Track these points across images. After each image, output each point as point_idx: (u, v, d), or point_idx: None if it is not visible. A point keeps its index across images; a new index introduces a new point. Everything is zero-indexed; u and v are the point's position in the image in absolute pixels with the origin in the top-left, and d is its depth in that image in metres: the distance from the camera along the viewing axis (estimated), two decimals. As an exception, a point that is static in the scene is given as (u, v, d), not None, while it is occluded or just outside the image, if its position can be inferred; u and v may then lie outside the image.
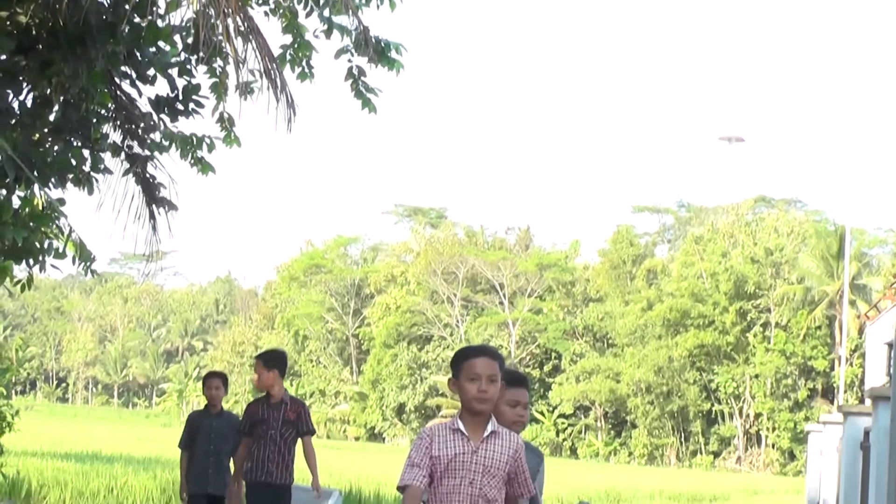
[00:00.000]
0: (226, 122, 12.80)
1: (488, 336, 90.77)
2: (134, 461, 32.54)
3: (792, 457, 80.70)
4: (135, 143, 12.23)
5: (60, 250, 12.01)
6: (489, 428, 6.34)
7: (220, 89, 12.36)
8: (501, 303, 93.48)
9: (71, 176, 11.69)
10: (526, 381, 7.40)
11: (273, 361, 11.92)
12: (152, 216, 12.39)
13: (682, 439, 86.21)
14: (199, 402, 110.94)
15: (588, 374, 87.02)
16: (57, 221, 12.07)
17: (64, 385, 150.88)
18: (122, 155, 12.25)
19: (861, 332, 65.55)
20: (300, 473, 12.07)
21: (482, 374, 6.41)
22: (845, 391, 62.34)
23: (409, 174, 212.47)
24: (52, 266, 12.15)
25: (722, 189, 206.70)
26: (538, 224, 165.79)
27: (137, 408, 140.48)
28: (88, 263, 12.38)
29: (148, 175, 12.42)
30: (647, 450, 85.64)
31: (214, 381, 13.77)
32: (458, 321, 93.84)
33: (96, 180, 11.91)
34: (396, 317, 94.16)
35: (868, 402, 11.82)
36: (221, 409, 13.74)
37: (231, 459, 12.69)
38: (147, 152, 12.39)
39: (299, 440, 11.68)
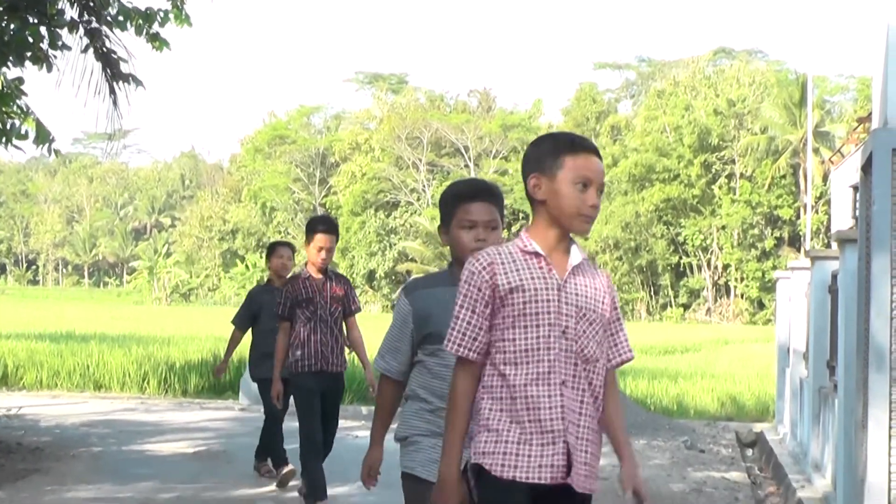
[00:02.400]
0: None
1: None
2: (108, 339, 32.64)
3: (761, 306, 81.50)
4: (92, 19, 12.10)
5: (22, 131, 11.94)
6: (576, 256, 4.59)
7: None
8: (467, 165, 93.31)
9: (29, 54, 11.58)
10: (492, 193, 5.46)
11: (336, 228, 10.41)
12: (113, 91, 12.30)
13: (652, 293, 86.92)
14: (169, 278, 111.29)
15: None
16: (18, 101, 11.98)
17: (34, 268, 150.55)
18: (80, 31, 12.13)
19: (825, 179, 65.91)
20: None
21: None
22: (812, 238, 62.86)
23: (368, 40, 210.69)
24: (15, 146, 12.09)
25: (682, 42, 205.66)
26: (499, 86, 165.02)
27: (108, 287, 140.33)
28: (49, 144, 12.30)
29: (107, 50, 12.30)
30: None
31: (284, 251, 12.22)
32: (424, 186, 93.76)
33: (55, 57, 11.81)
34: (363, 184, 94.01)
35: (835, 246, 11.92)
36: None
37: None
38: (104, 28, 12.26)
39: None
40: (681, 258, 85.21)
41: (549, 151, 4.54)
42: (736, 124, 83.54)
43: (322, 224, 10.21)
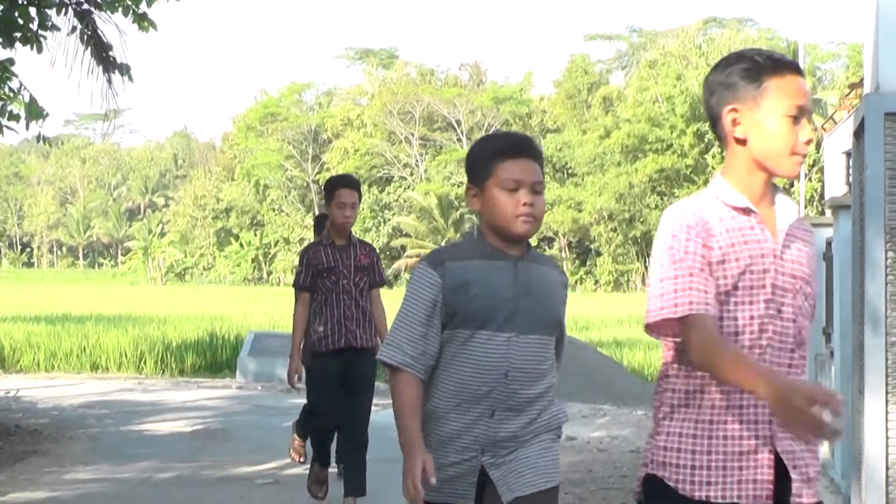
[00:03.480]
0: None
1: (448, 173, 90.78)
2: (104, 319, 32.67)
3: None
4: (82, 1, 12.06)
5: (15, 111, 11.92)
6: (787, 210, 3.66)
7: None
8: (459, 139, 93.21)
9: (19, 35, 11.54)
10: (537, 149, 4.49)
11: (359, 184, 9.30)
12: (106, 70, 12.27)
13: (647, 264, 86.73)
14: (164, 258, 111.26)
15: (550, 205, 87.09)
16: (9, 82, 11.96)
17: (28, 250, 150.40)
18: (70, 12, 12.09)
19: (818, 146, 65.77)
20: (275, 322, 11.74)
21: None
22: (806, 206, 62.83)
23: (358, 15, 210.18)
24: (7, 127, 12.07)
25: (673, 12, 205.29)
26: (490, 59, 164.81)
27: (103, 268, 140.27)
28: (41, 121, 12.26)
29: (98, 31, 12.27)
30: (612, 277, 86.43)
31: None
32: (417, 161, 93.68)
33: (44, 38, 11.77)
34: (355, 160, 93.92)
35: (828, 213, 11.93)
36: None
37: None
38: (94, 8, 12.23)
39: None
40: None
41: (748, 74, 3.55)
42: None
43: (342, 180, 9.26)
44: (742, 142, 3.55)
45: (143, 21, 12.62)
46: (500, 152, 4.33)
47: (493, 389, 4.22)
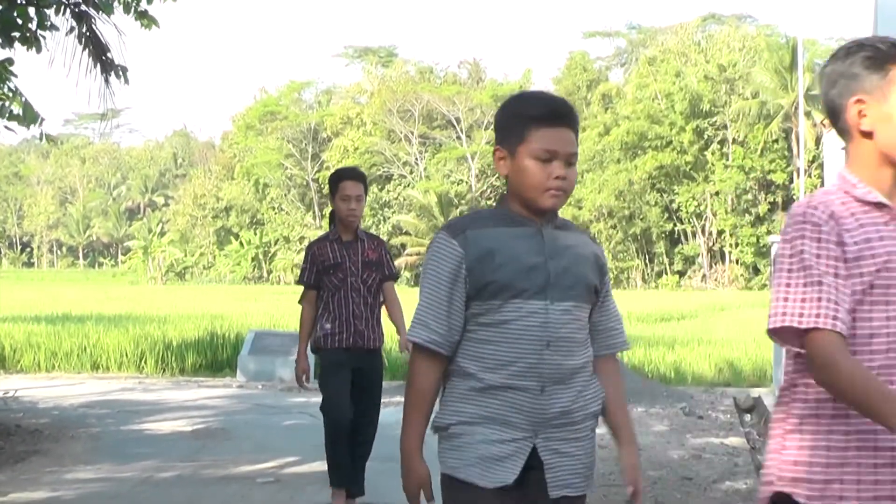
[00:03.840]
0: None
1: (448, 171, 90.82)
2: (105, 319, 32.65)
3: (756, 271, 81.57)
4: (80, 1, 12.06)
5: (14, 112, 11.92)
6: None
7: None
8: (459, 137, 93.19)
9: (17, 35, 11.54)
10: (576, 117, 4.12)
11: (364, 177, 8.95)
12: (104, 70, 12.27)
13: (647, 261, 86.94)
14: (164, 257, 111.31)
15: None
16: (8, 82, 11.96)
17: (28, 250, 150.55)
18: (68, 12, 12.09)
19: (818, 142, 65.87)
20: (275, 320, 11.74)
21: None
22: (805, 202, 62.75)
23: (357, 13, 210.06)
24: (7, 128, 12.07)
25: (671, 8, 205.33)
26: (489, 56, 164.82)
27: (104, 268, 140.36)
28: (38, 124, 12.27)
29: (96, 31, 12.28)
30: (612, 274, 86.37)
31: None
32: (416, 159, 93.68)
33: (43, 38, 11.77)
34: (355, 158, 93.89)
35: (828, 209, 11.89)
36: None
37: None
38: (92, 10, 12.23)
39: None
40: (675, 225, 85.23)
41: (872, 63, 3.32)
42: (727, 90, 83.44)
43: (347, 172, 8.88)
44: (868, 135, 3.36)
45: (143, 17, 12.61)
46: (536, 118, 4.00)
47: (539, 362, 3.98)
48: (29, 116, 12.00)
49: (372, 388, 8.74)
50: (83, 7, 12.12)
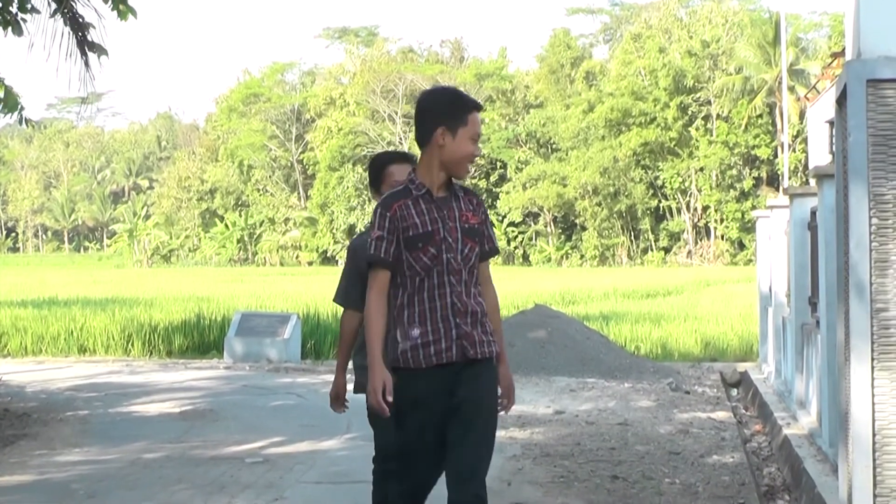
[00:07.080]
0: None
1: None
2: (91, 303, 32.62)
3: (741, 246, 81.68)
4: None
5: (-1, 96, 11.89)
6: None
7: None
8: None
9: (-1, 18, 11.51)
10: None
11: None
12: (84, 54, 12.24)
13: (633, 238, 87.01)
14: (149, 240, 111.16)
15: (534, 181, 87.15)
16: (-10, 66, 11.91)
17: (13, 235, 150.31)
18: (49, -6, 12.06)
19: (802, 117, 65.93)
20: (261, 301, 11.74)
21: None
22: (790, 177, 62.92)
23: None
24: (-10, 112, 12.03)
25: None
26: (471, 35, 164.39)
27: (89, 251, 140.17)
28: (19, 112, 12.24)
29: (76, 14, 12.24)
30: (598, 251, 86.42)
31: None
32: (400, 138, 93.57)
33: (24, 21, 11.73)
34: (339, 139, 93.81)
35: (813, 182, 11.95)
36: None
37: None
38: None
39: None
40: (660, 202, 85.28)
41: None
42: (710, 65, 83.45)
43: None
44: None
45: (121, 4, 12.51)
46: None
47: None
48: (10, 103, 11.97)
49: (480, 421, 5.62)
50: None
